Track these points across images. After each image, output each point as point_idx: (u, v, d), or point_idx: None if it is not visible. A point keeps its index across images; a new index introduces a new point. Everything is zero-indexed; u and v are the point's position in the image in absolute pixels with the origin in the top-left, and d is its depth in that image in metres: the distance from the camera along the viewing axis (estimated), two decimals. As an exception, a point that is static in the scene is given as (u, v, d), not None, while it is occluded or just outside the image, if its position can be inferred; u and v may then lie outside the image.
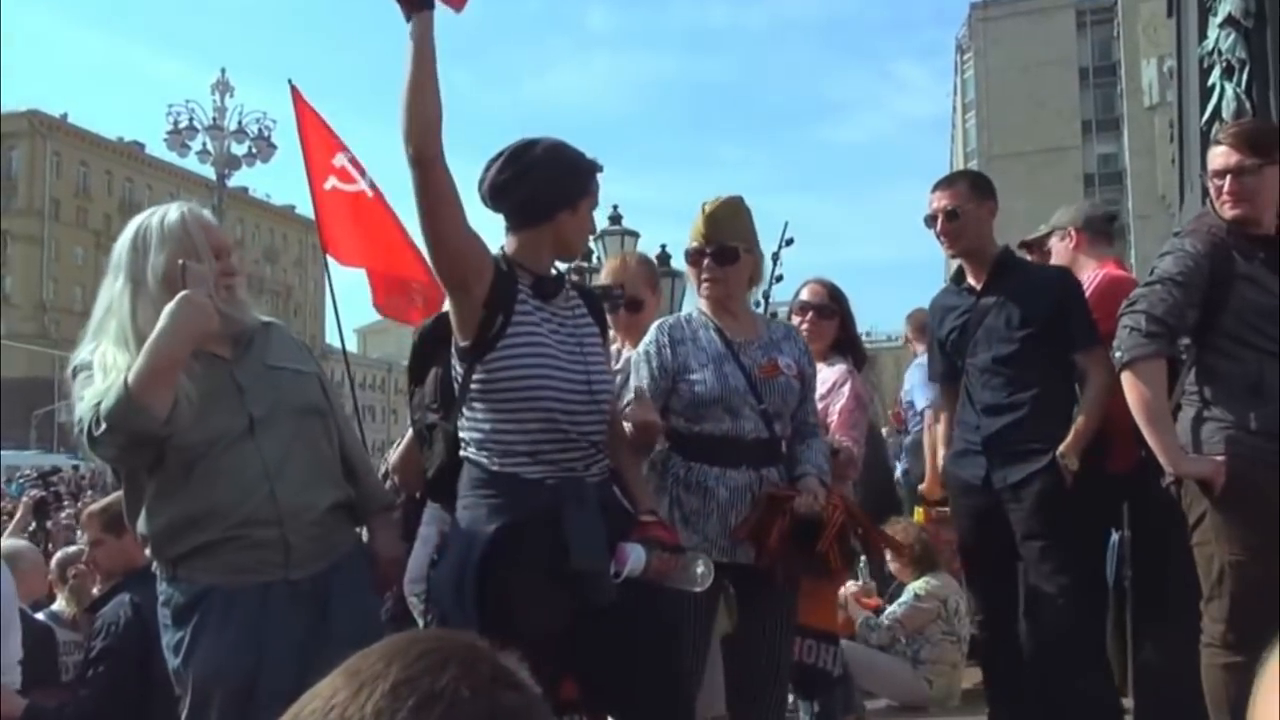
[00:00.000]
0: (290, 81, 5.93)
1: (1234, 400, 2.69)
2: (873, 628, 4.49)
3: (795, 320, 3.59)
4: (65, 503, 16.14)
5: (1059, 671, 3.11)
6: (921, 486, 4.56)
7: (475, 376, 2.32)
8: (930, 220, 3.37)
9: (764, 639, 2.79)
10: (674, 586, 2.34)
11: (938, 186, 3.41)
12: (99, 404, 2.13)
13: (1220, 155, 2.79)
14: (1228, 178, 2.76)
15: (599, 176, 2.42)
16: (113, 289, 2.31)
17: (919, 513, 4.72)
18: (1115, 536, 3.59)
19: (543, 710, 0.78)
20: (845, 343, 3.66)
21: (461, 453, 2.37)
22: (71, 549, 4.71)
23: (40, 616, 4.06)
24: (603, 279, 3.59)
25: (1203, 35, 4.00)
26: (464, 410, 2.35)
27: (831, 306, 3.62)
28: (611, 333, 3.05)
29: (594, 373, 2.37)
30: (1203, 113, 3.92)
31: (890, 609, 4.61)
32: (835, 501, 2.65)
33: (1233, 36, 3.78)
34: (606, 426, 2.41)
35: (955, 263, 3.49)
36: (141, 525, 2.30)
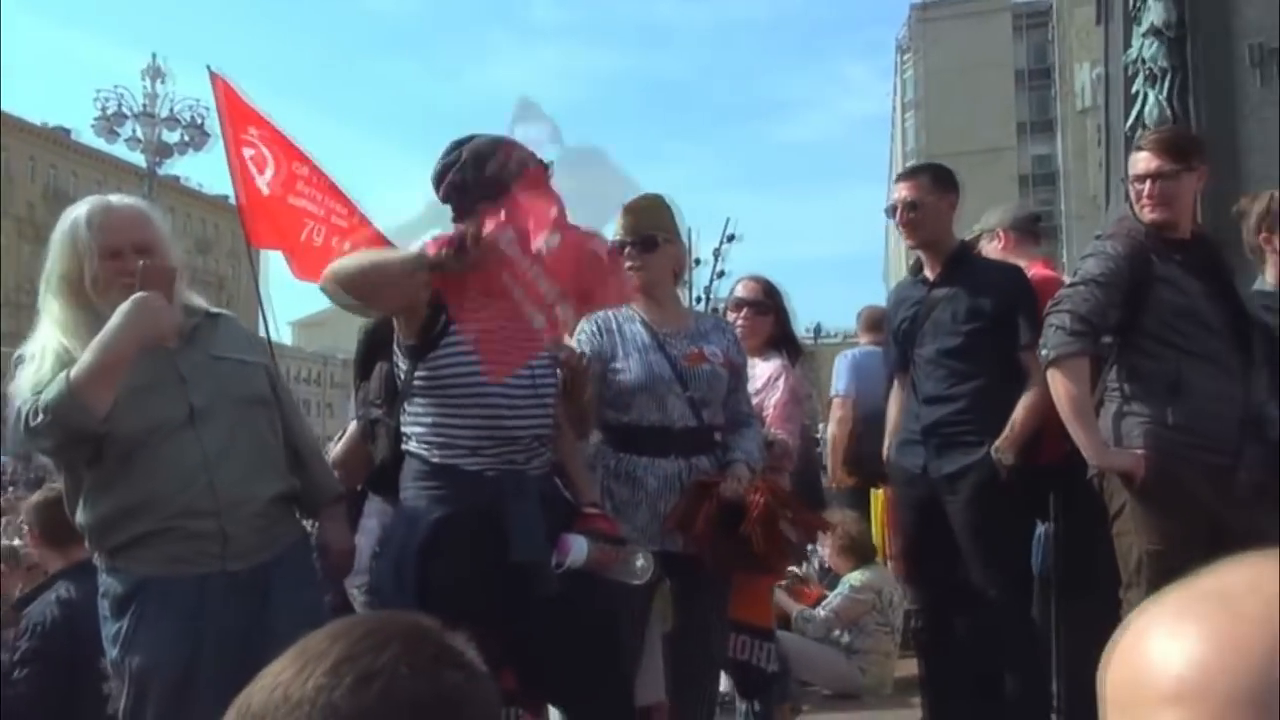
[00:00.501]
0: (209, 68, 5.75)
1: (1153, 397, 2.80)
2: (809, 620, 4.57)
3: (731, 316, 3.64)
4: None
5: (990, 660, 3.21)
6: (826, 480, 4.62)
7: (419, 373, 2.34)
8: (890, 211, 3.44)
9: (696, 628, 2.84)
10: (615, 578, 2.37)
11: (900, 178, 3.49)
12: (38, 395, 2.11)
13: (1141, 160, 2.89)
14: (1148, 182, 2.86)
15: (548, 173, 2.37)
16: (41, 281, 2.32)
17: (878, 497, 4.77)
18: (1041, 528, 3.70)
19: (489, 690, 0.79)
20: (781, 338, 3.72)
21: (404, 446, 2.38)
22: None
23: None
24: None
25: (1128, 43, 4.14)
26: (405, 406, 2.37)
27: (766, 303, 3.67)
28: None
29: (538, 369, 2.39)
30: (1127, 118, 4.07)
31: (827, 600, 4.69)
32: (759, 485, 2.69)
33: (1156, 45, 3.92)
34: (551, 421, 2.43)
35: (909, 256, 3.56)
36: (80, 516, 2.29)
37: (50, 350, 2.21)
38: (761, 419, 3.30)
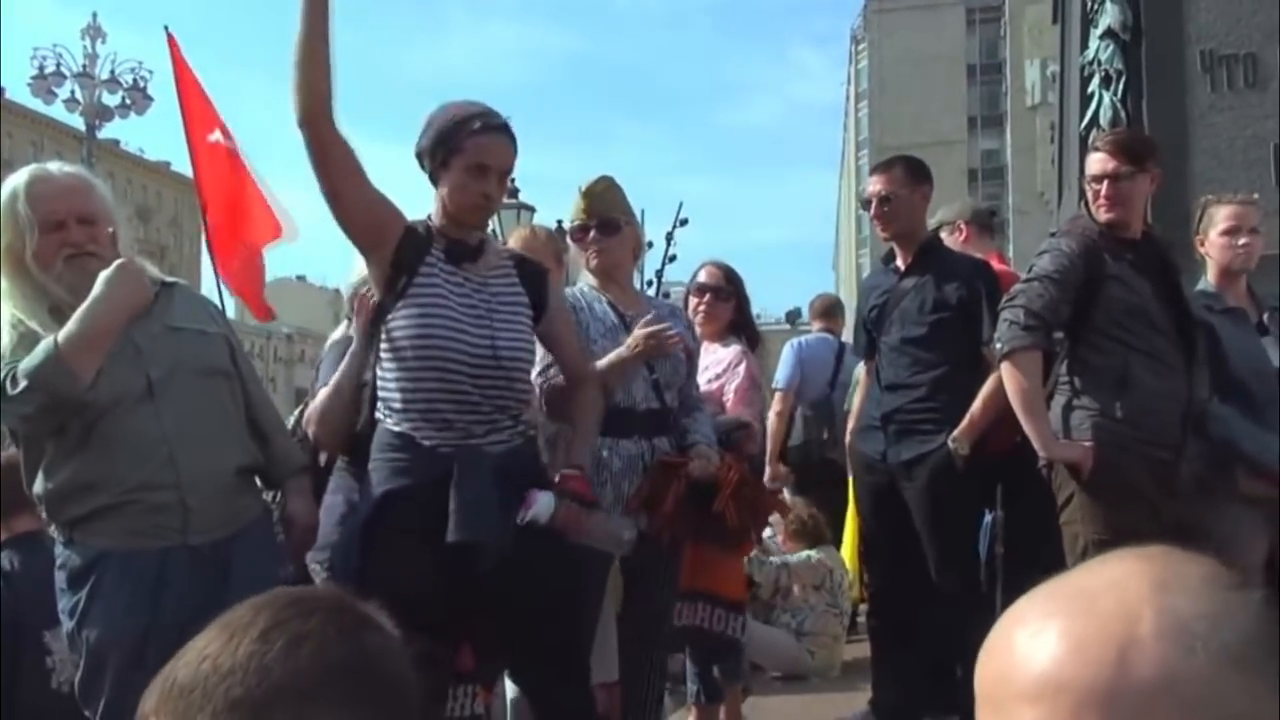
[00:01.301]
0: (166, 29, 5.63)
1: (1101, 390, 2.88)
2: (761, 565, 4.59)
3: (692, 302, 3.67)
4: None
5: (941, 644, 3.29)
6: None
7: (382, 336, 2.33)
8: (865, 204, 3.51)
9: (650, 608, 2.88)
10: (597, 547, 2.40)
11: (874, 171, 3.56)
12: (15, 363, 2.08)
13: (1098, 161, 2.97)
14: (1104, 183, 2.93)
15: (476, 137, 2.31)
16: None
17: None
18: (989, 516, 3.79)
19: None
20: (740, 324, 3.76)
21: (375, 414, 2.37)
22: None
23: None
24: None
25: (1084, 45, 4.23)
26: (375, 370, 2.36)
27: (728, 289, 3.70)
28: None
29: (501, 338, 2.35)
30: (1082, 118, 4.16)
31: (782, 556, 4.73)
32: (730, 463, 2.75)
33: (1111, 48, 4.02)
34: (522, 395, 2.42)
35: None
36: (38, 487, 2.25)
37: (5, 324, 2.17)
38: (721, 404, 3.34)
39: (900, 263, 3.47)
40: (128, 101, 18.00)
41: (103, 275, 2.11)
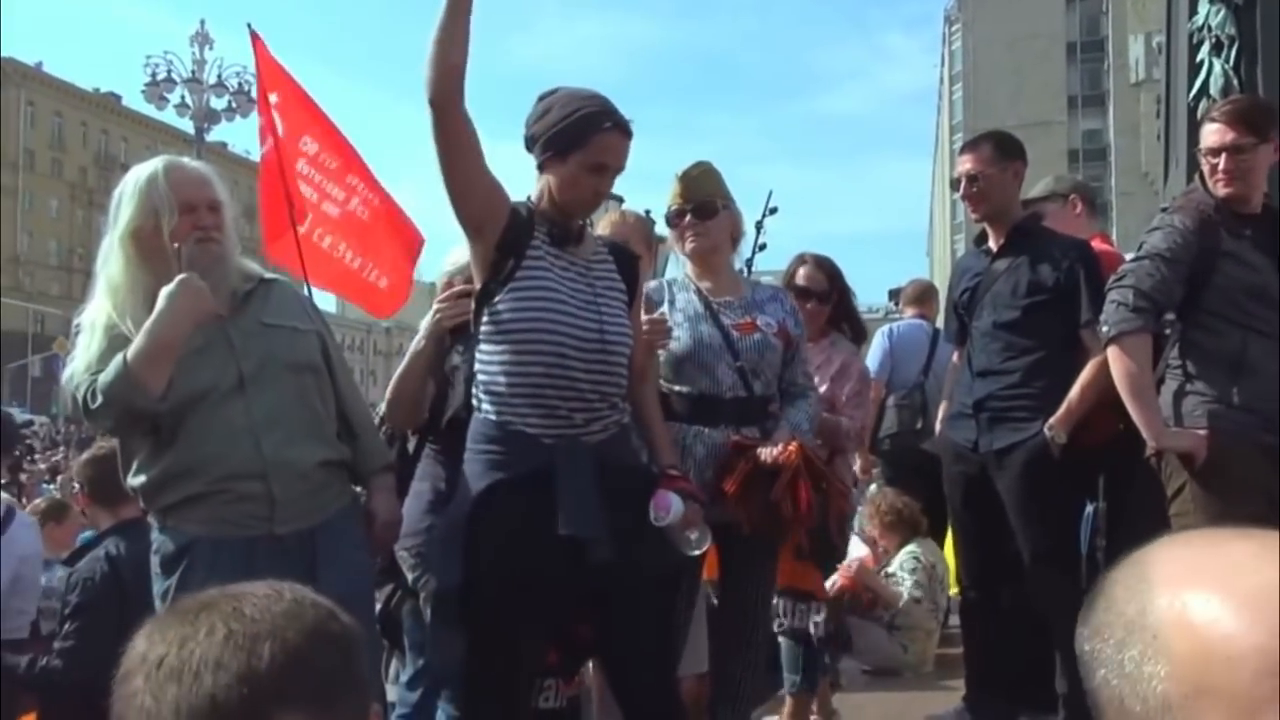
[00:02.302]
0: (250, 26, 5.59)
1: (1216, 375, 2.72)
2: (919, 600, 4.55)
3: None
4: (38, 456, 16.05)
5: (1036, 641, 3.16)
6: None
7: (484, 319, 2.32)
8: (954, 184, 3.37)
9: (741, 598, 2.82)
10: (674, 545, 2.37)
11: (963, 150, 3.40)
12: (94, 377, 2.19)
13: (1215, 132, 2.80)
14: (1223, 155, 2.76)
15: (602, 135, 2.31)
16: (103, 246, 2.37)
17: None
18: (1090, 508, 3.64)
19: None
20: (843, 317, 3.61)
21: (472, 401, 2.37)
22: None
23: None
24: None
25: (1193, 11, 4.00)
26: (476, 354, 2.35)
27: (829, 289, 3.55)
28: None
29: (609, 324, 2.34)
30: (1190, 88, 3.94)
31: (896, 576, 4.64)
32: (792, 449, 2.63)
33: (1223, 13, 3.79)
34: (622, 382, 2.39)
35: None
36: (132, 478, 2.33)
37: (100, 326, 2.27)
38: (832, 407, 3.31)
39: (993, 244, 3.32)
40: (233, 105, 18.69)
41: (165, 290, 2.19)
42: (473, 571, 2.22)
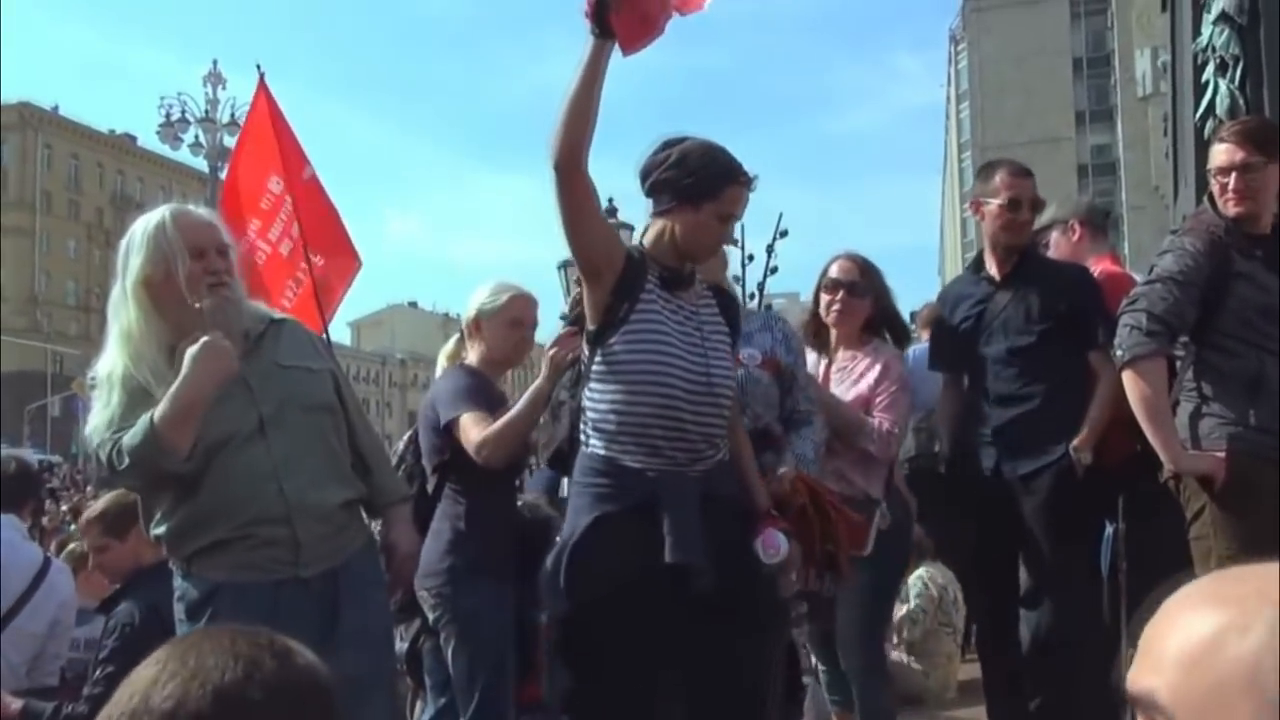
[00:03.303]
0: (259, 66, 5.74)
1: (1233, 396, 2.72)
2: (916, 621, 4.53)
3: (824, 299, 3.38)
4: (60, 499, 16.14)
5: (1060, 663, 3.15)
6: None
7: (596, 359, 2.39)
8: (974, 207, 3.42)
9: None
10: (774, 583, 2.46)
11: (1017, 173, 3.37)
12: (118, 436, 2.19)
13: (1224, 152, 2.81)
14: (1233, 174, 2.77)
15: (742, 190, 2.42)
16: (113, 295, 2.38)
17: None
18: (1109, 529, 3.63)
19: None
20: (882, 320, 3.40)
21: (580, 435, 2.44)
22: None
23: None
24: None
25: (1197, 31, 4.01)
26: (585, 391, 2.42)
27: (863, 284, 3.35)
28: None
29: (715, 368, 2.41)
30: (1196, 108, 3.94)
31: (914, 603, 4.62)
32: (799, 487, 2.63)
33: (1226, 33, 3.79)
34: (724, 423, 2.45)
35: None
36: (155, 526, 2.34)
37: (117, 378, 2.27)
38: (871, 411, 3.25)
39: (993, 270, 3.34)
40: (246, 143, 18.85)
41: (190, 352, 2.19)
42: (580, 600, 2.27)
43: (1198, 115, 3.91)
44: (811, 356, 3.37)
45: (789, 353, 2.92)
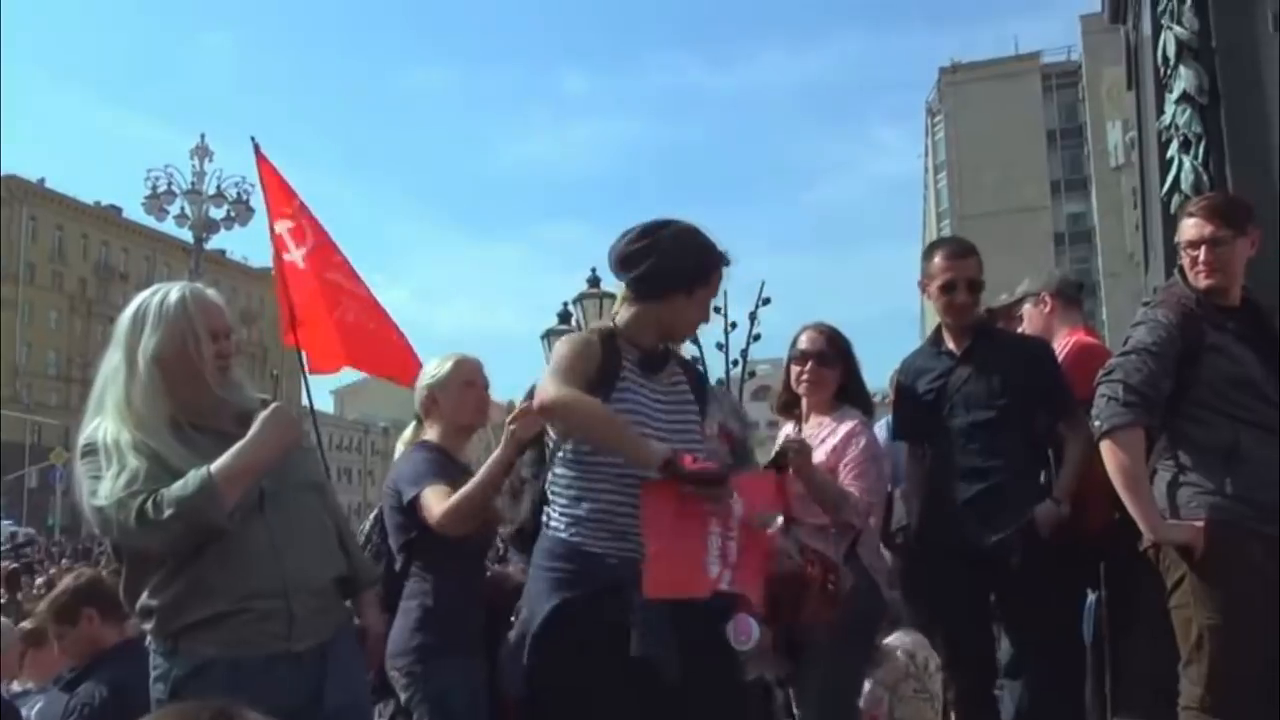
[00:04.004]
0: (253, 139, 5.91)
1: (1209, 466, 2.76)
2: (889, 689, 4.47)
3: (794, 370, 3.44)
4: (37, 572, 15.82)
5: None
6: None
7: (568, 444, 2.41)
8: (949, 287, 3.38)
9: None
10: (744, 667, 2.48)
11: (956, 255, 3.44)
12: (150, 491, 2.18)
13: (1193, 226, 2.89)
14: (1203, 248, 2.85)
15: (724, 270, 2.47)
16: (110, 363, 2.37)
17: None
18: (1091, 596, 3.64)
19: None
20: (851, 391, 3.44)
21: (543, 517, 2.44)
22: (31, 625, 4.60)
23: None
24: None
25: (1160, 110, 4.16)
26: (550, 474, 2.44)
27: (831, 353, 3.40)
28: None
29: (689, 451, 2.37)
30: (1162, 184, 4.06)
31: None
32: (811, 559, 2.65)
33: (1188, 112, 3.92)
34: None
35: (935, 321, 3.57)
36: (146, 599, 2.31)
37: (125, 445, 2.26)
38: (836, 479, 3.23)
39: (951, 344, 3.42)
40: (232, 214, 19.01)
41: (262, 416, 2.28)
42: (541, 685, 2.27)
43: (1164, 190, 4.03)
44: (788, 427, 3.42)
45: (737, 421, 2.98)
